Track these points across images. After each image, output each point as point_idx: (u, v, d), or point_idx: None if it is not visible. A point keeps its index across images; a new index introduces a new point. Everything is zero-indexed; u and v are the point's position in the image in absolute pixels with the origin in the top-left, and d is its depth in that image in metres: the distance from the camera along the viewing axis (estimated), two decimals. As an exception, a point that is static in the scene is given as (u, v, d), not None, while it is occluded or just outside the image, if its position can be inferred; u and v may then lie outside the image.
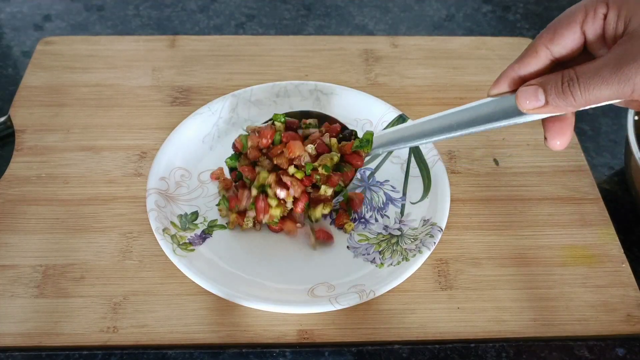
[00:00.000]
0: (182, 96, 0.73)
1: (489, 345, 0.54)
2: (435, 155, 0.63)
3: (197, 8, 0.88)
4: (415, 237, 0.58)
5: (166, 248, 0.55)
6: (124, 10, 0.87)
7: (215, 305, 0.55)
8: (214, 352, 0.53)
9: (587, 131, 0.74)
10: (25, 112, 0.70)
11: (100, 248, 0.59)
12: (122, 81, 0.74)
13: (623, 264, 0.59)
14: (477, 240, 0.61)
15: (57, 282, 0.56)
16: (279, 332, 0.54)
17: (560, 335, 0.54)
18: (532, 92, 0.44)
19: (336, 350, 0.53)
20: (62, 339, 0.53)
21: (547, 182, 0.66)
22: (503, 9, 0.90)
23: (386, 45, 0.80)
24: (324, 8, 0.89)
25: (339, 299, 0.53)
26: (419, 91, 0.74)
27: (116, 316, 0.54)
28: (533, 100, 0.44)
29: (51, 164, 0.65)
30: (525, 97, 0.44)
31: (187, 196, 0.62)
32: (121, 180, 0.64)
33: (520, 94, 0.45)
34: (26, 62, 0.78)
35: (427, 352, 0.53)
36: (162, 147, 0.63)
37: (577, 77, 0.42)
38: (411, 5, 0.90)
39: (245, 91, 0.69)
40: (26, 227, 0.60)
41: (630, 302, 0.56)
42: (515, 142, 0.69)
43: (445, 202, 0.59)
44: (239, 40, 0.80)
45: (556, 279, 0.58)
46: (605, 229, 0.62)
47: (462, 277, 0.58)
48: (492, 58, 0.78)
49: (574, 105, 0.43)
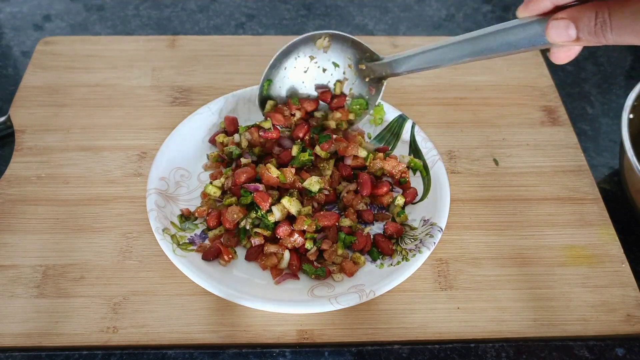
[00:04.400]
0: (182, 96, 0.73)
1: (489, 345, 0.54)
2: (435, 155, 0.63)
3: (197, 8, 0.88)
4: (415, 237, 0.58)
5: (166, 248, 0.55)
6: (124, 10, 0.87)
7: (215, 305, 0.55)
8: (214, 352, 0.53)
9: (587, 131, 0.74)
10: (25, 112, 0.70)
11: (100, 248, 0.59)
12: (122, 81, 0.74)
13: (623, 264, 0.59)
14: (477, 240, 0.61)
15: (57, 282, 0.56)
16: (279, 332, 0.54)
17: (560, 335, 0.55)
18: (564, 26, 0.43)
19: (336, 350, 0.53)
20: (62, 339, 0.53)
21: (547, 182, 0.66)
22: (503, 9, 0.90)
23: (386, 45, 0.80)
24: (324, 8, 0.89)
25: (338, 299, 0.53)
26: (419, 91, 0.74)
27: (116, 316, 0.54)
28: (564, 35, 0.43)
29: (51, 164, 0.65)
30: (556, 31, 0.43)
31: (187, 196, 0.62)
32: (121, 180, 0.64)
33: (552, 27, 0.43)
34: (26, 62, 0.78)
35: (427, 352, 0.53)
36: (162, 147, 0.63)
37: (611, 21, 0.41)
38: (411, 5, 0.90)
39: (245, 91, 0.69)
40: (26, 227, 0.60)
41: (630, 302, 0.56)
42: (515, 142, 0.69)
43: (445, 202, 0.59)
44: (239, 40, 0.80)
45: (556, 279, 0.58)
46: (605, 229, 0.62)
47: (462, 277, 0.58)
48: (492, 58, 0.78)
49: (604, 43, 0.42)
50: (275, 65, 0.64)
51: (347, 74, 0.66)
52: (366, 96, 0.66)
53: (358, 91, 0.66)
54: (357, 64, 0.65)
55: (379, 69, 0.63)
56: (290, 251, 0.56)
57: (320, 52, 0.64)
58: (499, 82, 0.75)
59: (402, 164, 0.62)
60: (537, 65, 0.77)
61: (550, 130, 0.71)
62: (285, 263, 0.56)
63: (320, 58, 0.65)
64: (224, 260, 0.57)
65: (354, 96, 0.66)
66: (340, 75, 0.66)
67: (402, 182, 0.62)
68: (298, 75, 0.66)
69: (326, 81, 0.66)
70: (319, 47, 0.63)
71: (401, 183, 0.62)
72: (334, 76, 0.66)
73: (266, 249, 0.56)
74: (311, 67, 0.65)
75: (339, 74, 0.66)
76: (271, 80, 0.65)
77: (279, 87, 0.65)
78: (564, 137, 0.70)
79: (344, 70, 0.65)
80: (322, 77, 0.66)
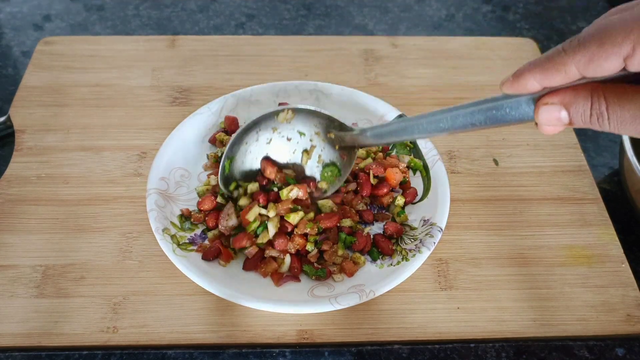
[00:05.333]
0: (182, 96, 0.73)
1: (489, 345, 0.54)
2: (435, 155, 0.63)
3: (197, 8, 0.88)
4: (415, 237, 0.58)
5: (166, 248, 0.55)
6: (124, 10, 0.87)
7: (215, 305, 0.55)
8: (214, 352, 0.53)
9: (587, 131, 0.74)
10: (25, 112, 0.70)
11: (100, 248, 0.59)
12: (122, 81, 0.74)
13: (623, 264, 0.59)
14: (477, 240, 0.61)
15: (57, 282, 0.56)
16: (278, 332, 0.54)
17: (560, 335, 0.55)
18: (555, 113, 0.39)
19: (336, 350, 0.53)
20: (62, 339, 0.53)
21: (547, 182, 0.66)
22: (503, 9, 0.90)
23: (386, 45, 0.80)
24: (324, 8, 0.89)
25: (338, 299, 0.53)
26: (418, 91, 0.74)
27: (116, 316, 0.54)
28: (555, 120, 0.39)
29: (51, 164, 0.65)
30: (547, 115, 0.40)
31: (187, 196, 0.62)
32: (121, 180, 0.64)
33: (542, 112, 0.40)
34: (26, 62, 0.78)
35: (427, 352, 0.53)
36: (162, 147, 0.63)
37: (609, 114, 0.37)
38: (411, 5, 0.90)
39: (245, 91, 0.69)
40: (26, 227, 0.60)
41: (630, 302, 0.56)
42: (515, 142, 0.69)
43: (445, 202, 0.59)
44: (239, 40, 0.80)
45: (556, 279, 0.58)
46: (605, 229, 0.62)
47: (462, 277, 0.58)
48: (492, 58, 0.78)
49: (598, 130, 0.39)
50: (235, 143, 0.59)
51: (315, 141, 0.60)
52: (337, 162, 0.59)
53: (328, 158, 0.60)
54: (326, 132, 0.59)
55: (348, 139, 0.57)
56: (291, 255, 0.57)
57: (284, 124, 0.59)
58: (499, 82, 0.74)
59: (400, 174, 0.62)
60: (537, 65, 0.77)
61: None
62: (286, 267, 0.56)
63: (284, 128, 0.59)
64: (224, 260, 0.57)
65: (324, 163, 0.60)
66: (307, 144, 0.60)
67: (402, 182, 0.62)
68: (261, 148, 0.60)
69: (292, 150, 0.60)
70: (281, 120, 0.58)
71: (401, 183, 0.62)
72: (300, 144, 0.60)
73: (267, 253, 0.56)
74: (274, 138, 0.59)
75: (306, 142, 0.60)
76: (232, 157, 0.59)
77: (241, 163, 0.60)
78: (563, 137, 0.70)
79: (310, 137, 0.60)
80: (286, 146, 0.60)
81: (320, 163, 0.60)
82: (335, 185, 0.60)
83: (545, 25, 0.87)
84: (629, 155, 0.58)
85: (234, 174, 0.60)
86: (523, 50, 0.78)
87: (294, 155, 0.60)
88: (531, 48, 0.79)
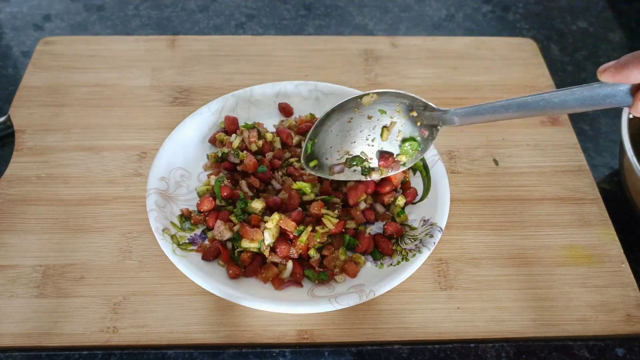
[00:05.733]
0: (182, 96, 0.73)
1: (489, 345, 0.54)
2: (435, 155, 0.63)
3: (197, 8, 0.88)
4: (415, 237, 0.58)
5: (166, 248, 0.55)
6: (124, 10, 0.87)
7: (215, 305, 0.55)
8: (214, 352, 0.53)
9: (587, 131, 0.74)
10: (25, 112, 0.70)
11: (100, 248, 0.59)
12: (122, 81, 0.74)
13: (623, 264, 0.59)
14: (477, 240, 0.61)
15: (57, 282, 0.56)
16: (278, 332, 0.54)
17: (560, 335, 0.54)
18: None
19: (336, 350, 0.53)
20: (62, 339, 0.53)
21: (547, 182, 0.66)
22: (503, 9, 0.90)
23: (386, 45, 0.80)
24: (324, 8, 0.89)
25: (338, 299, 0.53)
26: (418, 91, 0.74)
27: (116, 316, 0.54)
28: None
29: (51, 164, 0.65)
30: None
31: (187, 196, 0.62)
32: (121, 180, 0.64)
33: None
34: (26, 62, 0.78)
35: (427, 352, 0.53)
36: (162, 147, 0.63)
37: None
38: (411, 5, 0.90)
39: (245, 91, 0.69)
40: (26, 227, 0.60)
41: (630, 302, 0.56)
42: (515, 142, 0.69)
43: (445, 202, 0.59)
44: (239, 40, 0.80)
45: (556, 279, 0.58)
46: (605, 229, 0.62)
47: (462, 277, 0.58)
48: (492, 58, 0.78)
49: None
50: (318, 125, 0.60)
51: (395, 118, 0.60)
52: (418, 138, 0.60)
53: (409, 133, 0.61)
54: (408, 110, 0.60)
55: (432, 117, 0.59)
56: (292, 260, 0.56)
57: (366, 106, 0.60)
58: (499, 82, 0.75)
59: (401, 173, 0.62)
60: (537, 66, 0.77)
61: (550, 130, 0.71)
62: (288, 273, 0.56)
63: (365, 109, 0.60)
64: (224, 261, 0.57)
65: (404, 137, 0.61)
66: (387, 121, 0.60)
67: (402, 182, 0.62)
68: (342, 125, 0.61)
69: (372, 127, 0.61)
70: (365, 103, 0.60)
71: (401, 183, 0.62)
72: (380, 121, 0.60)
73: (269, 258, 0.56)
74: (355, 117, 0.60)
75: (386, 119, 0.60)
76: (314, 138, 0.61)
77: (323, 142, 0.61)
78: (563, 137, 0.70)
79: (390, 115, 0.60)
80: (367, 123, 0.60)
81: (399, 138, 0.61)
82: (415, 159, 0.61)
83: (545, 25, 0.87)
84: (629, 155, 0.58)
85: (315, 153, 0.61)
86: (523, 50, 0.78)
87: (373, 131, 0.61)
88: (531, 48, 0.79)
